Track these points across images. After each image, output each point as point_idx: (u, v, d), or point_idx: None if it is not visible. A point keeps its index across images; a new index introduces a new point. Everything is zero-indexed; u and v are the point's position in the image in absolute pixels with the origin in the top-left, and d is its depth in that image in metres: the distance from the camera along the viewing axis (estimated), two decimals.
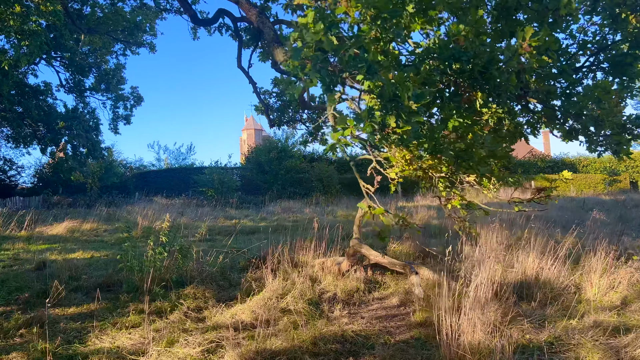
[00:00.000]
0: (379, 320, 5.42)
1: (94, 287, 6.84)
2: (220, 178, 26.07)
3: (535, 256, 6.30)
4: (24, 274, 7.83)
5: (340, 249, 8.05)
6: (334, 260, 7.30)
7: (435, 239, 9.68)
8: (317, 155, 35.55)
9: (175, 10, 15.35)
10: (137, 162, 44.01)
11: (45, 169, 33.22)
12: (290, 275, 6.45)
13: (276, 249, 8.34)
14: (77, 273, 7.41)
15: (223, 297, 6.29)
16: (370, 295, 6.45)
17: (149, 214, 15.73)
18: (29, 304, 6.12)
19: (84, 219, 15.45)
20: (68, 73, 26.74)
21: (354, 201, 27.04)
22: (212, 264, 7.15)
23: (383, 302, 6.19)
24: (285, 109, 7.46)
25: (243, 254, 8.12)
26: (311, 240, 7.80)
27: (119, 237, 13.42)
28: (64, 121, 24.81)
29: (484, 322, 4.15)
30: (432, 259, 7.83)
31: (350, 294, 6.37)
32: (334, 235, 9.28)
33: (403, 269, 5.71)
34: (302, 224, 15.77)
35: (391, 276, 6.99)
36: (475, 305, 4.28)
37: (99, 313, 5.70)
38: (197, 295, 6.29)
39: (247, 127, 77.25)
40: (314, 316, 5.36)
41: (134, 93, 28.87)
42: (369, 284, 6.72)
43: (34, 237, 12.76)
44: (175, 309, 5.72)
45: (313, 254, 7.53)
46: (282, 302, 5.58)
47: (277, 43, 5.60)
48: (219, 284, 6.80)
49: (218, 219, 17.28)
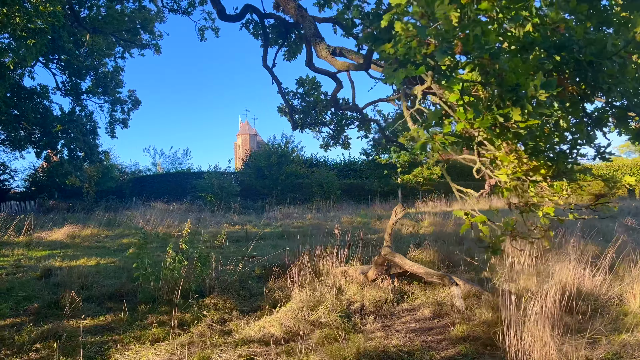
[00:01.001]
0: (415, 333, 5.14)
1: (107, 296, 6.52)
2: (219, 183, 25.71)
3: (574, 266, 6.04)
4: (30, 282, 7.47)
5: (361, 256, 7.76)
6: (357, 268, 7.02)
7: (452, 246, 9.42)
8: (315, 160, 35.35)
9: (182, 11, 15.05)
10: (132, 166, 43.57)
11: (39, 173, 32.68)
12: (315, 285, 6.15)
13: (292, 257, 8.06)
14: (87, 282, 7.06)
15: (246, 308, 5.97)
16: (399, 306, 6.16)
17: (151, 219, 15.35)
18: (40, 315, 5.77)
19: (84, 224, 15.04)
20: (65, 76, 26.33)
21: (355, 207, 26.82)
22: (232, 272, 6.83)
23: (414, 313, 5.91)
24: (309, 111, 7.16)
25: (259, 261, 7.79)
26: (331, 248, 7.51)
27: (121, 243, 13.07)
28: (61, 124, 24.38)
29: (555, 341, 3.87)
30: (457, 268, 7.56)
31: (378, 304, 6.09)
32: (344, 241, 9.02)
33: (441, 280, 5.43)
34: (308, 230, 15.50)
35: (419, 286, 6.71)
36: (544, 321, 3.99)
37: (116, 325, 5.36)
38: (218, 305, 5.98)
39: (241, 132, 76.67)
40: (347, 329, 5.07)
41: (132, 96, 28.51)
42: (397, 294, 6.44)
43: (33, 242, 12.37)
44: (198, 320, 5.40)
45: (335, 262, 7.23)
46: (313, 315, 5.28)
47: (318, 38, 5.33)
48: (239, 293, 6.49)
49: (221, 225, 16.95)
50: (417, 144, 2.86)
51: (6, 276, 8.04)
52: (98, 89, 26.53)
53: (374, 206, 26.52)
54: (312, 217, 21.22)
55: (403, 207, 6.11)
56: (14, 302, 6.34)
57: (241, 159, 41.76)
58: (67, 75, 26.07)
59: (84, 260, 9.74)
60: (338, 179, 30.69)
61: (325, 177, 28.50)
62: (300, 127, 7.48)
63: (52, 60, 25.44)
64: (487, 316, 5.21)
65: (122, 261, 9.73)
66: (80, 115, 26.01)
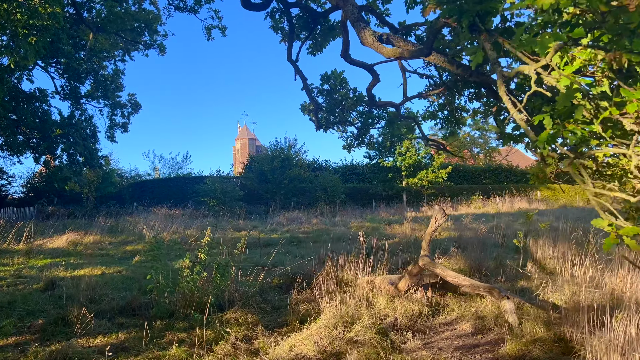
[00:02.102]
0: (462, 352, 4.67)
1: (118, 310, 6.04)
2: (222, 188, 25.20)
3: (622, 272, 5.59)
4: (33, 295, 6.97)
5: (387, 265, 7.29)
6: (384, 278, 6.54)
7: (477, 252, 8.95)
8: (317, 164, 34.90)
9: (189, 9, 14.60)
10: (132, 171, 42.99)
11: (37, 179, 32.12)
12: (344, 297, 5.68)
13: (312, 265, 7.58)
14: (95, 294, 6.56)
15: (270, 323, 5.49)
16: (434, 319, 5.69)
17: (155, 225, 14.86)
18: (46, 332, 5.28)
19: (86, 231, 14.54)
20: (64, 79, 25.88)
21: (360, 211, 26.34)
22: (252, 283, 6.35)
23: (452, 328, 5.44)
24: (334, 109, 6.67)
25: (281, 271, 7.28)
26: (355, 256, 7.04)
27: (125, 251, 12.58)
28: (60, 128, 23.89)
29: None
30: (494, 277, 7.09)
31: (412, 318, 5.62)
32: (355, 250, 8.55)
33: (489, 293, 4.97)
34: (317, 236, 15.03)
35: (453, 297, 6.24)
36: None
37: (131, 344, 4.88)
38: (239, 320, 5.50)
39: (240, 137, 76.18)
40: (387, 349, 4.59)
41: (132, 100, 28.07)
42: (431, 306, 5.97)
43: (33, 250, 11.86)
44: (221, 338, 4.91)
45: (360, 272, 6.76)
46: (349, 332, 4.81)
47: (362, 22, 4.87)
48: (260, 306, 6.00)
49: (227, 231, 16.46)
50: (542, 136, 2.40)
51: (7, 288, 7.54)
52: (97, 92, 26.07)
53: (379, 210, 26.05)
54: (318, 221, 20.73)
55: (444, 213, 5.65)
56: (17, 318, 5.85)
57: (242, 162, 41.27)
58: (66, 78, 25.63)
59: (89, 270, 9.25)
60: (342, 183, 30.23)
61: (329, 181, 28.03)
62: (325, 127, 6.99)
63: (50, 64, 24.98)
64: (539, 332, 4.74)
65: (129, 270, 9.24)
66: (80, 120, 25.56)
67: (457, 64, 4.14)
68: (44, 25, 10.64)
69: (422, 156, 31.40)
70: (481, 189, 34.27)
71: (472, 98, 5.82)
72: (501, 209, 26.42)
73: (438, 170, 31.21)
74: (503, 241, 9.92)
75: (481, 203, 28.78)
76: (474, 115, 6.04)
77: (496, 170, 40.45)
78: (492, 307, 5.72)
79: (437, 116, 6.31)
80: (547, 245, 7.64)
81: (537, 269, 7.09)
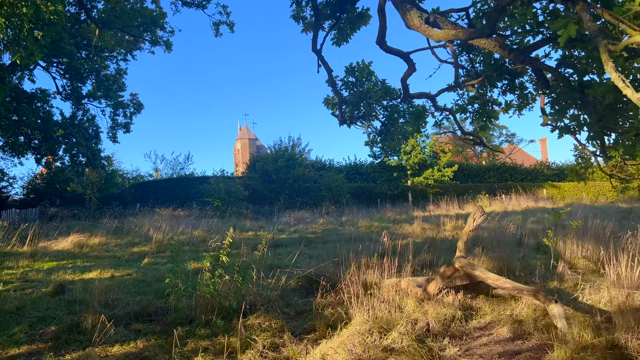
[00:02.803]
0: (504, 359, 4.38)
1: (134, 316, 5.74)
2: (227, 188, 24.88)
3: None
4: (42, 300, 6.68)
5: (412, 267, 6.99)
6: (411, 280, 6.25)
7: (502, 252, 8.64)
8: (321, 163, 34.60)
9: (196, 4, 14.28)
10: (134, 172, 42.66)
11: (39, 180, 31.78)
12: (371, 301, 5.39)
13: (331, 267, 7.29)
14: (108, 298, 6.26)
15: (296, 329, 5.19)
16: (467, 324, 5.39)
17: (162, 227, 14.54)
18: (60, 340, 4.98)
19: (91, 232, 14.24)
20: (65, 79, 25.56)
21: (366, 211, 26.04)
22: (275, 286, 6.04)
23: (488, 333, 5.14)
24: (359, 102, 6.31)
25: (305, 272, 6.96)
26: (379, 257, 6.75)
27: (132, 252, 12.29)
28: (62, 129, 23.57)
29: None
30: (528, 278, 6.78)
31: (445, 323, 5.32)
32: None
33: (535, 296, 4.65)
34: (326, 236, 14.74)
35: (485, 300, 5.94)
36: None
37: (152, 353, 4.58)
38: (263, 326, 5.20)
39: (241, 137, 75.83)
40: (425, 356, 4.30)
41: (134, 100, 27.78)
42: (462, 310, 5.67)
43: (38, 253, 11.57)
44: (246, 346, 4.61)
45: (386, 274, 6.46)
46: (385, 339, 4.51)
47: (408, 3, 4.56)
48: (283, 311, 5.70)
49: (235, 231, 16.15)
50: None
51: (14, 292, 7.23)
52: (99, 92, 25.75)
53: (385, 210, 25.75)
54: (324, 221, 20.44)
55: (482, 212, 5.36)
56: (27, 325, 5.55)
57: (245, 162, 40.97)
58: (67, 78, 25.31)
59: (97, 273, 8.96)
60: (347, 183, 29.95)
61: (334, 181, 27.71)
62: (349, 122, 6.64)
63: (52, 64, 24.67)
64: (587, 338, 4.44)
65: (140, 273, 8.94)
66: (82, 120, 25.23)
67: (509, 49, 3.84)
68: (50, 20, 10.34)
69: (427, 155, 31.10)
70: (486, 187, 34.01)
71: (506, 90, 5.53)
72: (508, 208, 26.15)
73: (444, 169, 30.91)
74: (524, 240, 9.61)
75: (487, 202, 28.50)
76: (506, 109, 5.75)
77: (500, 168, 40.22)
78: (528, 310, 5.43)
79: (467, 110, 6.01)
80: (574, 244, 7.34)
81: (568, 269, 6.79)
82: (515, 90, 5.42)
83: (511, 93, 5.54)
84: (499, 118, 5.95)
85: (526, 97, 5.42)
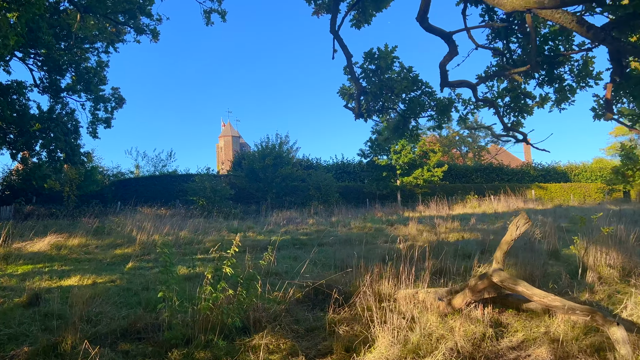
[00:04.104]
0: None
1: (120, 334, 5.03)
2: (212, 186, 24.08)
3: None
4: (14, 312, 5.91)
5: (429, 276, 6.40)
6: (430, 292, 5.67)
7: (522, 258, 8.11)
8: (308, 162, 34.00)
9: None
10: (114, 169, 41.38)
11: (14, 176, 30.45)
12: (394, 318, 4.80)
13: (346, 277, 6.68)
14: (90, 311, 5.54)
15: (310, 351, 4.55)
16: (499, 343, 4.84)
17: (146, 226, 13.74)
18: None
19: (70, 232, 13.36)
20: (43, 72, 24.40)
21: (355, 211, 25.49)
22: (281, 300, 5.40)
23: (525, 355, 4.59)
24: (380, 93, 5.65)
25: (317, 284, 6.32)
26: (391, 265, 6.15)
27: (114, 255, 11.47)
28: (40, 123, 22.46)
29: None
30: (547, 289, 6.26)
31: (475, 342, 4.75)
32: (375, 254, 7.69)
33: (591, 317, 4.08)
34: (319, 237, 14.12)
35: (515, 315, 5.41)
36: None
37: None
38: (271, 347, 4.56)
39: (224, 134, 74.62)
40: None
41: (116, 94, 26.72)
42: (492, 327, 5.11)
43: (12, 255, 10.69)
44: None
45: (402, 284, 5.88)
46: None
47: None
48: (291, 328, 5.07)
49: (222, 232, 15.43)
50: None
51: None
52: (79, 85, 24.65)
53: (374, 210, 25.25)
54: (314, 222, 19.83)
55: (527, 219, 4.80)
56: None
57: (229, 160, 40.09)
58: (45, 70, 24.16)
59: (77, 279, 8.19)
60: (336, 182, 29.39)
61: (323, 180, 27.14)
62: (366, 115, 5.98)
63: (29, 55, 23.49)
64: None
65: (124, 279, 8.19)
66: (60, 114, 24.11)
67: (587, 25, 3.29)
68: (28, 0, 9.50)
69: (417, 154, 30.71)
70: (475, 187, 33.85)
71: (543, 82, 4.97)
72: (497, 209, 25.89)
73: (434, 169, 30.57)
74: (535, 245, 9.13)
75: (477, 202, 28.25)
76: (542, 103, 5.20)
77: (487, 169, 40.22)
78: (565, 327, 4.90)
79: (496, 104, 5.45)
80: (599, 252, 6.86)
81: (597, 280, 6.31)
82: (553, 82, 4.88)
83: (549, 85, 5.00)
84: (532, 113, 5.41)
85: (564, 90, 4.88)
